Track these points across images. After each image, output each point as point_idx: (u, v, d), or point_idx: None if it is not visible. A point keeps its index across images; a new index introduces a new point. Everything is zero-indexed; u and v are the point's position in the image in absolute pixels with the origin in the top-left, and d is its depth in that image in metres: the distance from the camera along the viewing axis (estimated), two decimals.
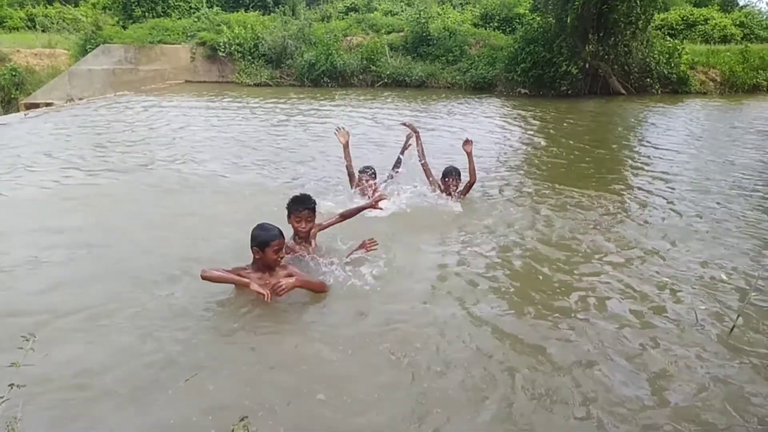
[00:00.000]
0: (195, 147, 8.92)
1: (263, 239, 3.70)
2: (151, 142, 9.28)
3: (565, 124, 11.85)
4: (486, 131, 10.78)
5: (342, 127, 6.08)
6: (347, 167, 6.01)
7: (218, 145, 9.15)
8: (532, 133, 10.86)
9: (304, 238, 4.37)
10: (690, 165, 8.18)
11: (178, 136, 9.87)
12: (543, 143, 9.80)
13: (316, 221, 4.43)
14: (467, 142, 6.11)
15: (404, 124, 6.40)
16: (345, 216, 4.60)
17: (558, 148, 9.39)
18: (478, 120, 12.08)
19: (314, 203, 4.34)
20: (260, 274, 3.77)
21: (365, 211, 4.73)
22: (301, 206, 4.27)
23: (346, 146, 5.96)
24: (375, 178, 5.84)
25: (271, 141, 9.52)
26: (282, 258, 3.80)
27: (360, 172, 5.87)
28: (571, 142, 9.99)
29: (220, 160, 8.08)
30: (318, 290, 3.90)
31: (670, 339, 3.46)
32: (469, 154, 6.07)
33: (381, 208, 4.75)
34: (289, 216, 4.30)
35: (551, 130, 11.10)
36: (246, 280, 3.68)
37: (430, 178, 6.08)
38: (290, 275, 3.77)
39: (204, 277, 3.67)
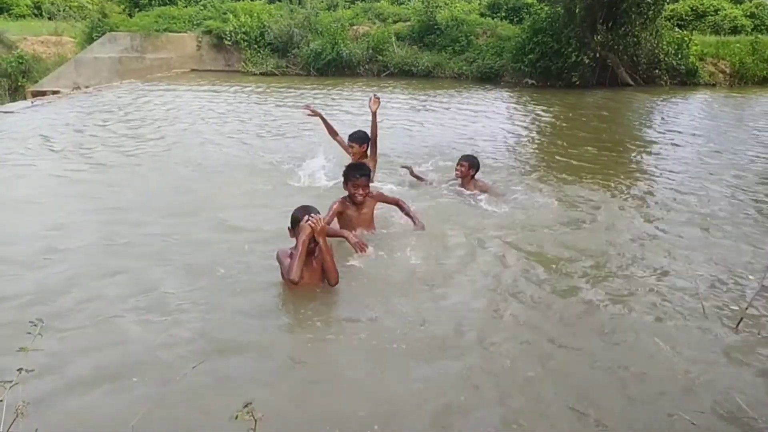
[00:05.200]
0: (200, 134, 8.92)
1: (294, 217, 3.75)
2: (157, 130, 9.28)
3: (572, 115, 11.78)
4: (493, 122, 10.72)
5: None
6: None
7: (224, 132, 9.14)
8: (539, 123, 10.80)
9: (360, 204, 4.63)
10: (700, 158, 8.11)
11: (183, 123, 9.86)
12: (550, 134, 9.75)
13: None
14: (374, 101, 5.88)
15: (308, 109, 6.22)
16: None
17: (566, 139, 9.34)
18: (485, 111, 12.01)
19: (368, 170, 4.71)
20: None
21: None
22: (357, 173, 4.56)
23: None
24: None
25: (274, 129, 9.51)
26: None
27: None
28: (579, 133, 9.94)
29: (226, 145, 8.08)
30: (331, 275, 3.78)
31: (675, 330, 3.45)
32: (374, 114, 5.83)
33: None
34: (346, 183, 4.62)
35: (559, 121, 11.03)
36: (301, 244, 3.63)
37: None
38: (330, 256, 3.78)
39: (297, 280, 3.60)
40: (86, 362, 3.07)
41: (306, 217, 3.65)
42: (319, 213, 3.76)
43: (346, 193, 4.65)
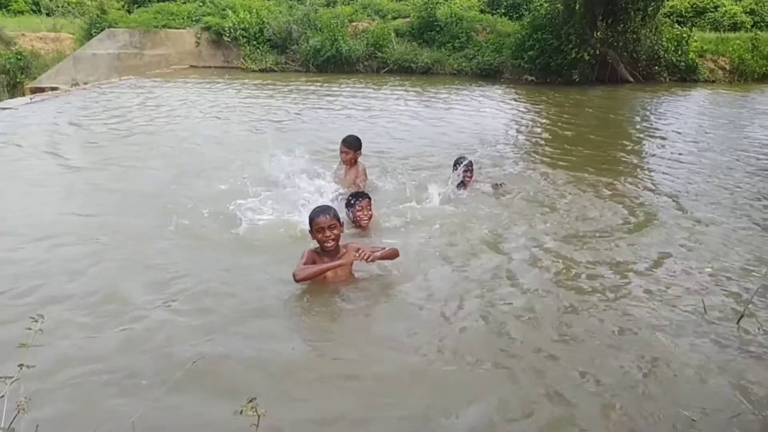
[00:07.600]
0: (200, 130, 8.90)
1: (309, 218, 3.74)
2: (155, 126, 9.26)
3: (572, 112, 11.76)
4: (493, 119, 10.71)
5: None
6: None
7: (220, 128, 9.13)
8: (539, 120, 10.79)
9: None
10: (702, 156, 8.07)
11: (182, 119, 9.84)
12: (550, 131, 9.73)
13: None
14: None
15: None
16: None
17: (565, 135, 9.33)
18: (485, 107, 11.99)
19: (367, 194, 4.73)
20: (328, 257, 3.74)
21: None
22: (359, 197, 4.61)
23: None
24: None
25: (274, 126, 9.49)
26: (331, 240, 3.70)
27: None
28: (579, 130, 9.93)
29: (224, 141, 8.07)
30: (394, 256, 3.89)
31: (676, 327, 3.44)
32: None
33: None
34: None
35: (559, 118, 11.01)
36: (336, 263, 3.70)
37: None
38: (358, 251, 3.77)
39: (300, 280, 3.63)
40: (87, 358, 3.06)
41: (359, 253, 3.66)
42: (335, 211, 3.77)
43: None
